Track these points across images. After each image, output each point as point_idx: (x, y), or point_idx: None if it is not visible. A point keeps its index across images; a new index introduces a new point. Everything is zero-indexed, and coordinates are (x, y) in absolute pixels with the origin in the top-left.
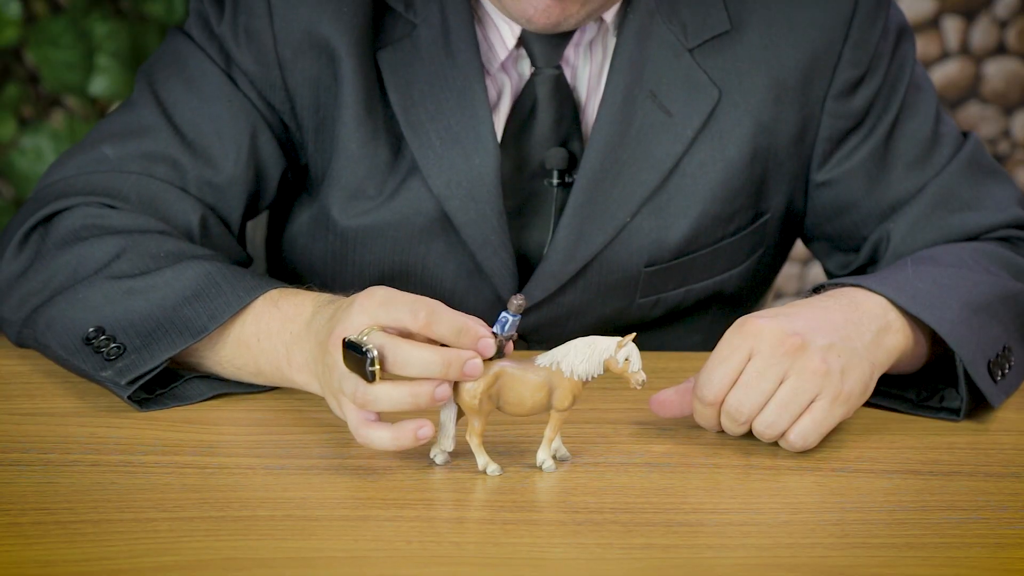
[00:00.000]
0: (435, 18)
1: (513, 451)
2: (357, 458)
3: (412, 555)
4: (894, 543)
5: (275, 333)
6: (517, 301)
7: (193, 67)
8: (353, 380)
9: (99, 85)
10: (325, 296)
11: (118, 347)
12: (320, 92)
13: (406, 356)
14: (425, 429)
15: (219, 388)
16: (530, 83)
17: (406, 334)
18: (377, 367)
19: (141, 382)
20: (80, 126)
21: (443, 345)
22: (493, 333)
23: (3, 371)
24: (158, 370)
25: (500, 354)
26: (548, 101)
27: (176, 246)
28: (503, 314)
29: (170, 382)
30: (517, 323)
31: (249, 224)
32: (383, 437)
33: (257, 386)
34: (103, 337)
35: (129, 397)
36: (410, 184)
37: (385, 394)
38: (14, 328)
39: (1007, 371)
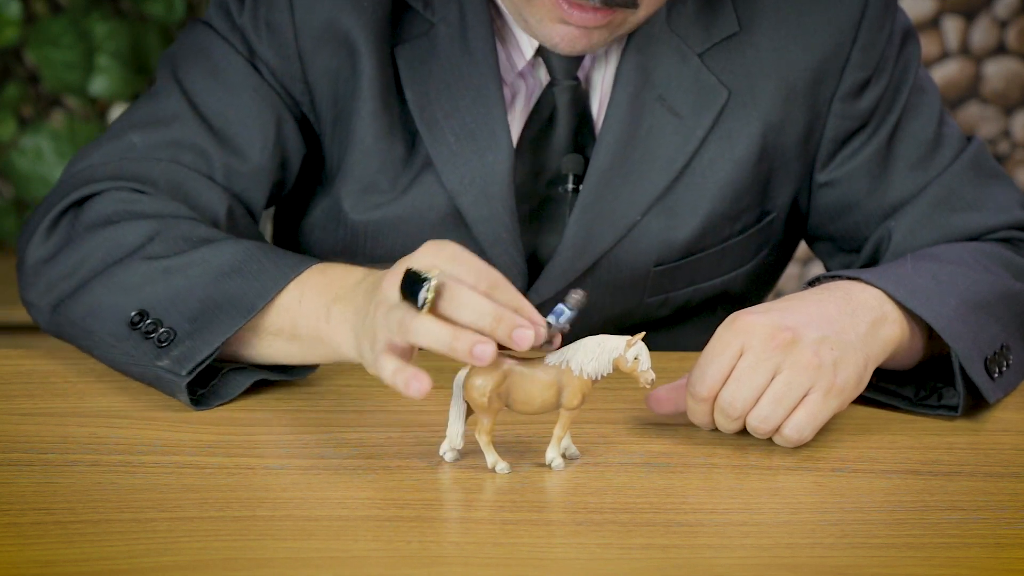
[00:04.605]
0: (453, 17)
1: (520, 450)
2: (357, 458)
3: (412, 555)
4: (894, 543)
5: (319, 293)
6: (576, 296)
7: (217, 57)
8: (401, 310)
9: (99, 85)
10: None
11: (167, 332)
12: (339, 85)
13: (462, 296)
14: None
15: (256, 375)
16: (549, 92)
17: None
18: (431, 296)
19: (199, 370)
20: (80, 126)
21: None
22: (548, 323)
23: (3, 371)
24: (214, 355)
25: (548, 344)
26: (567, 110)
27: (208, 232)
28: (560, 306)
29: (208, 379)
30: (571, 319)
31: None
32: (419, 386)
33: (290, 372)
34: (148, 321)
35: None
36: (423, 180)
37: (427, 327)
38: (43, 314)
39: (1005, 369)
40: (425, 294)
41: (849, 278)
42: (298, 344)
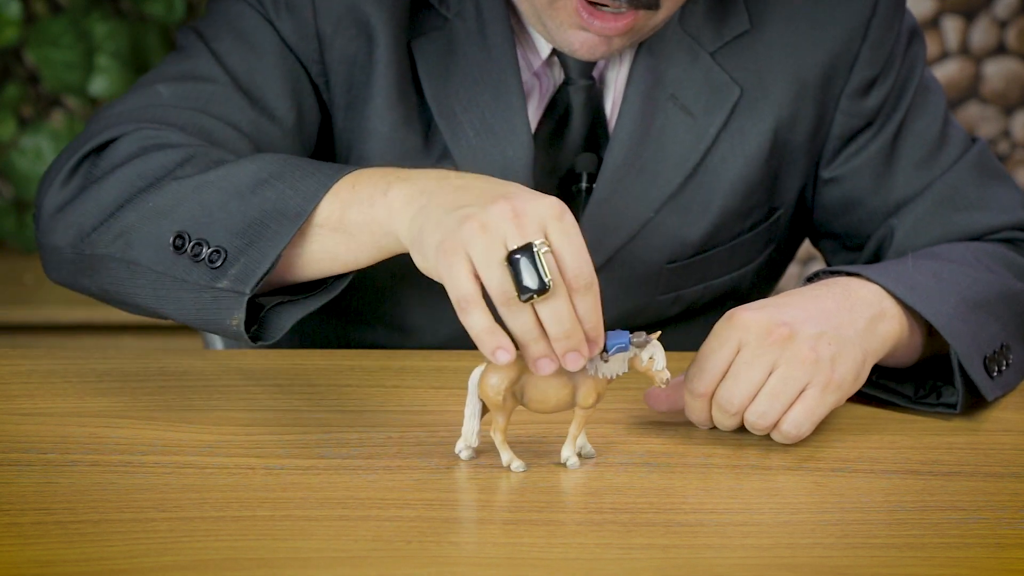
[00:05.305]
0: (469, 14)
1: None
2: (357, 458)
3: (412, 555)
4: (894, 543)
5: (377, 179)
6: (642, 339)
7: (245, 23)
8: (506, 276)
9: (99, 85)
10: None
11: (216, 251)
12: (355, 71)
13: (555, 304)
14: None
15: (298, 313)
16: (564, 91)
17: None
18: (537, 299)
19: (260, 285)
20: (80, 126)
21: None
22: (604, 348)
23: (3, 371)
24: (274, 268)
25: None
26: (581, 109)
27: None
28: (626, 340)
29: (248, 324)
30: (624, 351)
31: None
32: (506, 358)
33: (321, 292)
34: (192, 242)
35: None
36: None
37: (525, 319)
38: (65, 255)
39: (1004, 368)
40: (534, 295)
41: (848, 274)
42: (342, 235)
